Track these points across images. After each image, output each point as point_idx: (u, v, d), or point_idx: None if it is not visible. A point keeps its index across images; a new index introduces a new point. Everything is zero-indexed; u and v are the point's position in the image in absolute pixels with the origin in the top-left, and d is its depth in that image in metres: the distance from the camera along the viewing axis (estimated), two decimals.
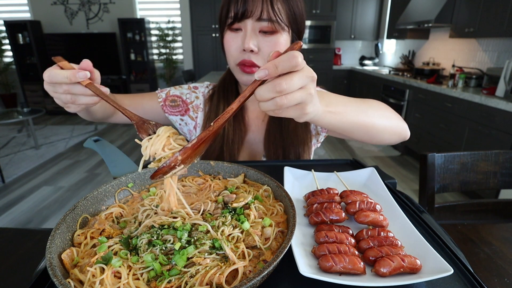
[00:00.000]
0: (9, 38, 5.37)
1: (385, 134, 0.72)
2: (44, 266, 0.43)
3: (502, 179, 1.13)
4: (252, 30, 0.75)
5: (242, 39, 0.76)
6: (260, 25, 0.74)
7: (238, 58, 0.79)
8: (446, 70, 3.79)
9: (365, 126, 0.66)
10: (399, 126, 0.75)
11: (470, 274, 0.43)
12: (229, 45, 0.79)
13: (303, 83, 0.44)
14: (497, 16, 2.68)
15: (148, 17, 5.67)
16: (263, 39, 0.76)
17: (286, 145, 0.91)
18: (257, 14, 0.72)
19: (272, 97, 0.43)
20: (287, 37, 0.79)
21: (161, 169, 0.45)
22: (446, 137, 3.05)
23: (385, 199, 0.60)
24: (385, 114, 0.72)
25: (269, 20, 0.73)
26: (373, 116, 0.68)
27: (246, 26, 0.75)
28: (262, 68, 0.42)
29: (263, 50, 0.77)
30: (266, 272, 0.37)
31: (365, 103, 0.70)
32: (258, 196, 0.57)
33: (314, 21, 5.13)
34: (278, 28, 0.75)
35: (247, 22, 0.74)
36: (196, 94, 0.98)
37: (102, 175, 3.26)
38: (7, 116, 3.79)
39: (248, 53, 0.77)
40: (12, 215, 2.52)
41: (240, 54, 0.78)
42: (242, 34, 0.76)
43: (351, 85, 5.53)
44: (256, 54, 0.77)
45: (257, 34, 0.76)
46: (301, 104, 0.46)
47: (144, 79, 5.79)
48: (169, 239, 0.46)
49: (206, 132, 0.45)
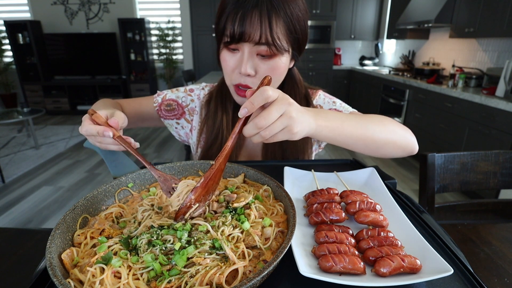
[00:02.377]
0: (9, 38, 5.37)
1: (387, 148, 0.71)
2: (44, 266, 0.43)
3: (502, 179, 1.13)
4: (249, 54, 0.72)
5: (239, 62, 0.74)
6: (258, 49, 0.71)
7: (235, 80, 0.77)
8: (446, 70, 3.79)
9: (363, 139, 0.66)
10: (405, 141, 0.73)
11: (470, 274, 0.43)
12: (226, 65, 0.77)
13: (281, 111, 0.49)
14: (497, 16, 2.68)
15: (148, 17, 5.67)
16: (261, 62, 0.74)
17: (286, 155, 0.91)
18: (256, 39, 0.69)
19: (256, 133, 0.49)
20: (287, 58, 0.77)
21: (180, 210, 0.51)
22: (446, 137, 3.05)
23: (385, 199, 0.60)
24: (388, 128, 0.70)
25: (268, 45, 0.70)
26: (373, 130, 0.67)
27: (244, 49, 0.72)
28: (242, 107, 0.49)
29: (260, 72, 0.75)
30: (266, 272, 0.37)
31: (366, 118, 0.69)
32: (259, 196, 0.57)
33: (314, 21, 5.13)
34: (276, 51, 0.72)
35: (245, 45, 0.71)
36: (191, 97, 0.98)
37: (102, 175, 3.26)
38: (7, 116, 3.79)
39: (245, 77, 0.75)
40: (12, 215, 2.52)
41: (237, 76, 0.76)
42: (239, 56, 0.74)
43: (351, 85, 5.53)
44: (253, 77, 0.75)
45: (254, 57, 0.73)
46: (286, 128, 0.50)
47: (144, 79, 5.79)
48: (169, 239, 0.46)
49: (210, 170, 0.51)
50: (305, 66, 5.26)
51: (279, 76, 0.79)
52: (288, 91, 0.91)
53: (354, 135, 0.64)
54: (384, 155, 0.74)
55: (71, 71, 5.77)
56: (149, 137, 4.61)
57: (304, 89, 0.95)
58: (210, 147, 0.91)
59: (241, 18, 0.67)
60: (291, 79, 0.93)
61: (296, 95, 0.92)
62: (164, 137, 4.60)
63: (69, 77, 5.80)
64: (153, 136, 4.65)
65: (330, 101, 0.96)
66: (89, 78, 5.77)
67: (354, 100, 5.38)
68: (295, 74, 0.94)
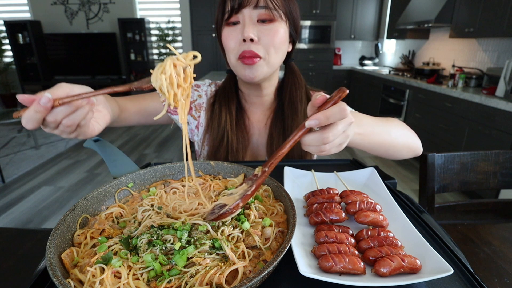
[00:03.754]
0: (9, 38, 5.38)
1: (402, 152, 0.76)
2: (44, 266, 0.43)
3: (502, 179, 1.13)
4: (250, 19, 0.75)
5: (241, 30, 0.76)
6: (258, 13, 0.75)
7: (239, 51, 0.78)
8: (446, 70, 3.79)
9: (387, 145, 0.71)
10: (415, 144, 0.79)
11: (470, 274, 0.43)
12: (227, 40, 0.79)
13: (344, 129, 0.48)
14: (497, 16, 2.67)
15: (148, 17, 5.67)
16: (262, 28, 0.76)
17: (290, 154, 0.91)
18: (254, 1, 0.73)
19: (317, 145, 0.47)
20: (286, 28, 0.79)
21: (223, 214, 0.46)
22: (446, 137, 3.05)
23: (385, 199, 0.60)
24: (404, 133, 0.76)
25: (266, 7, 0.74)
26: (395, 136, 0.72)
27: (244, 16, 0.75)
28: (312, 117, 0.45)
29: (262, 39, 0.76)
30: (266, 272, 0.37)
31: (388, 123, 0.73)
32: (259, 196, 0.57)
33: (314, 21, 5.13)
34: (276, 16, 0.75)
35: (244, 11, 0.74)
36: (198, 92, 0.97)
37: (102, 175, 3.26)
38: (7, 116, 3.79)
39: (248, 43, 0.76)
40: (12, 215, 2.52)
41: (240, 46, 0.77)
42: (240, 26, 0.76)
43: (351, 85, 5.53)
44: (256, 43, 0.76)
45: (255, 23, 0.76)
46: (340, 144, 0.51)
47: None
48: (169, 239, 0.46)
49: (262, 178, 0.48)
50: (305, 66, 5.27)
51: (280, 43, 0.79)
52: (289, 85, 0.93)
53: (380, 142, 0.68)
54: (397, 158, 0.79)
55: (71, 71, 5.77)
56: (149, 137, 4.61)
57: (305, 87, 0.95)
58: (217, 149, 0.90)
59: None
60: (291, 72, 0.94)
61: (297, 88, 0.93)
62: (164, 137, 4.60)
63: (69, 77, 5.79)
64: (153, 136, 4.65)
65: None
66: (89, 78, 5.77)
67: (354, 100, 5.38)
68: (295, 68, 0.95)
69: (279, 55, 0.82)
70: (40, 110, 0.46)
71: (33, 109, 0.46)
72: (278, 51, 0.80)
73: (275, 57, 0.80)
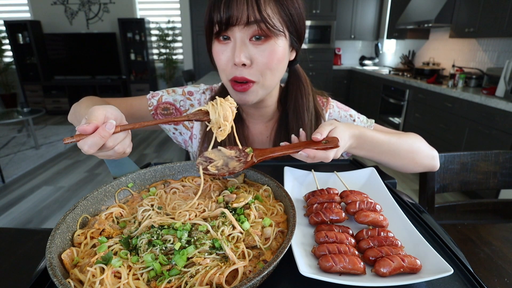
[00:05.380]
0: (9, 38, 5.37)
1: (408, 169, 0.83)
2: (44, 266, 0.43)
3: (502, 179, 1.13)
4: (241, 40, 0.66)
5: (232, 51, 0.67)
6: (250, 32, 0.65)
7: (230, 74, 0.70)
8: (446, 70, 3.79)
9: (395, 163, 0.80)
10: (428, 166, 0.83)
11: (470, 274, 0.43)
12: (218, 59, 0.71)
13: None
14: (497, 16, 2.67)
15: (148, 17, 5.67)
16: (256, 49, 0.67)
17: None
18: (244, 20, 0.63)
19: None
20: (285, 42, 0.70)
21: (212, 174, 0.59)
22: (446, 137, 3.05)
23: (385, 199, 0.60)
24: (414, 158, 0.79)
25: (257, 23, 0.63)
26: (405, 156, 0.78)
27: (235, 35, 0.66)
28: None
29: (257, 61, 0.68)
30: (266, 272, 0.37)
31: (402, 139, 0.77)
32: (259, 196, 0.57)
33: (314, 21, 5.13)
34: (271, 32, 0.65)
35: (235, 30, 0.65)
36: (191, 101, 0.91)
37: (102, 175, 3.26)
38: (7, 116, 3.79)
39: (240, 69, 0.68)
40: (12, 215, 2.52)
41: (232, 69, 0.70)
42: (232, 45, 0.67)
43: (351, 85, 5.53)
44: (249, 67, 0.68)
45: (247, 44, 0.67)
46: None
47: (144, 79, 5.79)
48: (169, 239, 0.46)
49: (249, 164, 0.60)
50: (305, 66, 5.25)
51: (278, 63, 0.70)
52: (294, 92, 0.85)
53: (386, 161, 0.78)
54: (412, 172, 0.85)
55: (71, 71, 5.77)
56: (149, 137, 4.61)
57: (312, 94, 0.88)
58: None
59: (226, 3, 0.63)
60: (296, 77, 0.86)
61: (303, 95, 0.85)
62: (164, 137, 4.60)
63: (69, 77, 5.80)
64: (153, 136, 4.65)
65: (346, 114, 0.91)
66: (89, 78, 5.77)
67: (354, 100, 5.39)
68: (301, 73, 0.87)
69: (276, 76, 0.74)
70: (105, 136, 0.49)
71: (99, 134, 0.48)
72: (274, 72, 0.72)
73: (272, 79, 0.72)
